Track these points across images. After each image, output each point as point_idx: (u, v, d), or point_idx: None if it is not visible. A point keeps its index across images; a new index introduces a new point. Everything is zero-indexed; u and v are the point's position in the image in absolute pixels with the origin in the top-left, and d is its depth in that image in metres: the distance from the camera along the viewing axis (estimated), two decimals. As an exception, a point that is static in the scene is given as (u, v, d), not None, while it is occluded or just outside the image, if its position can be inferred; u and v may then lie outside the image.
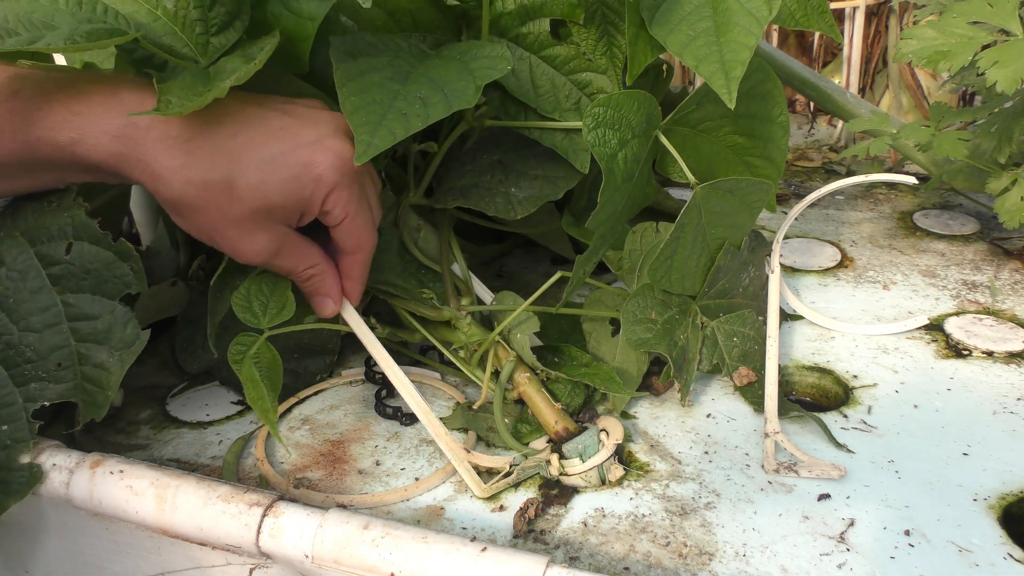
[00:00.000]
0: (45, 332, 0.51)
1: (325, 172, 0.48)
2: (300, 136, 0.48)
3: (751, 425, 0.56)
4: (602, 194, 0.50)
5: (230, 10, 0.51)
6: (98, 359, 0.52)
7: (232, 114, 0.47)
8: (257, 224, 0.48)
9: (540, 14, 0.57)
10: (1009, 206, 0.71)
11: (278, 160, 0.47)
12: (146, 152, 0.46)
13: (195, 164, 0.46)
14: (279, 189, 0.47)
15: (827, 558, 0.44)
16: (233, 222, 0.47)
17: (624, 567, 0.44)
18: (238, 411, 0.61)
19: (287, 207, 0.48)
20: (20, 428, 0.49)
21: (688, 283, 0.58)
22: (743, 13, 0.52)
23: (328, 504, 0.50)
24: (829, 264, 0.79)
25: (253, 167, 0.46)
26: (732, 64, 0.50)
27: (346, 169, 0.48)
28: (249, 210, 0.47)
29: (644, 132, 0.53)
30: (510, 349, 0.56)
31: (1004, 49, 0.64)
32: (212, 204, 0.47)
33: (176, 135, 0.46)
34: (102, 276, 0.52)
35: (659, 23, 0.53)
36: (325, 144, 0.48)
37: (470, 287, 0.61)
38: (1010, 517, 0.47)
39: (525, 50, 0.58)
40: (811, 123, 1.29)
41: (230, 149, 0.46)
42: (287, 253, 0.50)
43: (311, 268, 0.52)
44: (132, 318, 0.52)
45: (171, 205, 0.48)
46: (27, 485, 0.49)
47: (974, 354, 0.63)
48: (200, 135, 0.46)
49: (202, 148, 0.46)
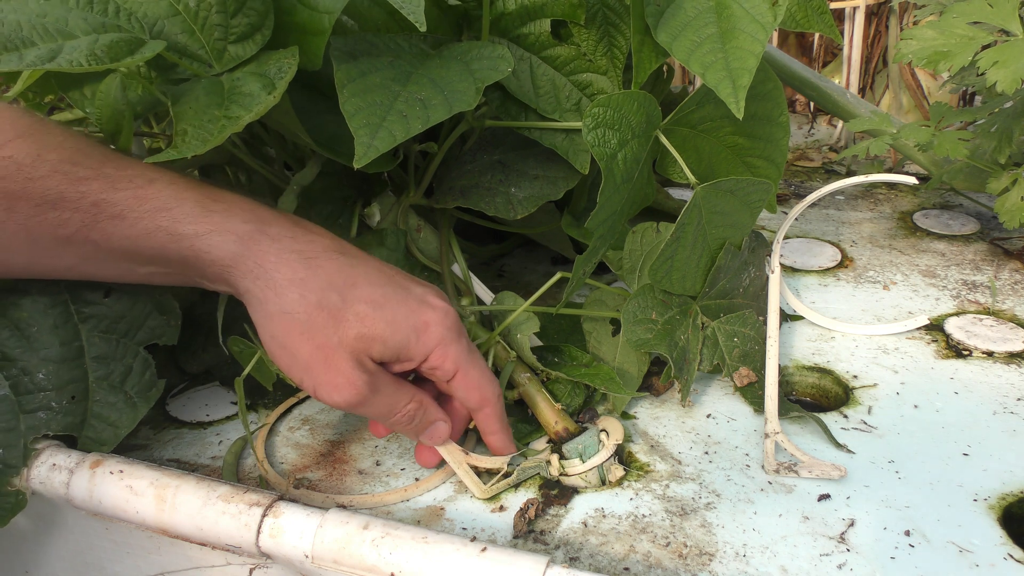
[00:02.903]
0: (63, 365, 0.51)
1: (432, 323, 0.47)
2: (410, 288, 0.49)
3: (751, 425, 0.56)
4: (601, 194, 0.50)
5: (252, 22, 0.50)
6: (111, 399, 0.52)
7: (349, 251, 0.48)
8: (355, 357, 0.46)
9: (541, 15, 0.57)
10: (1009, 206, 0.71)
11: (390, 299, 0.47)
12: (267, 259, 0.46)
13: (314, 280, 0.46)
14: (386, 327, 0.46)
15: (827, 558, 0.44)
16: (333, 351, 0.45)
17: (624, 567, 0.44)
18: (238, 411, 0.61)
19: (389, 345, 0.46)
20: (15, 454, 0.49)
21: (689, 283, 0.58)
22: (748, 19, 0.52)
23: (328, 504, 0.50)
24: (829, 264, 0.79)
25: (365, 299, 0.46)
26: (739, 72, 0.50)
27: (451, 325, 0.48)
28: (352, 339, 0.45)
29: (644, 132, 0.53)
30: (510, 349, 0.56)
31: (1004, 49, 0.64)
32: (318, 326, 0.45)
33: (298, 251, 0.46)
34: (135, 324, 0.53)
35: (663, 29, 0.53)
36: (430, 301, 0.48)
37: (470, 287, 0.61)
38: (1010, 517, 0.47)
39: (526, 51, 0.58)
40: (811, 123, 1.29)
41: (347, 276, 0.47)
42: (385, 392, 0.48)
43: (409, 405, 0.49)
44: (152, 365, 0.53)
45: (276, 319, 0.46)
46: (10, 512, 0.48)
47: (974, 354, 0.63)
48: (323, 256, 0.47)
49: (324, 268, 0.46)
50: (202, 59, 0.50)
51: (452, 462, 0.51)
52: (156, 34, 0.49)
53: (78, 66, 0.43)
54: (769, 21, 0.51)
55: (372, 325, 0.46)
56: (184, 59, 0.50)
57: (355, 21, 0.56)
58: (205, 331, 0.66)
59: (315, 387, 0.46)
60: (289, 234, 0.47)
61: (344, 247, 0.49)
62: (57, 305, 0.52)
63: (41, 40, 0.43)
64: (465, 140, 0.65)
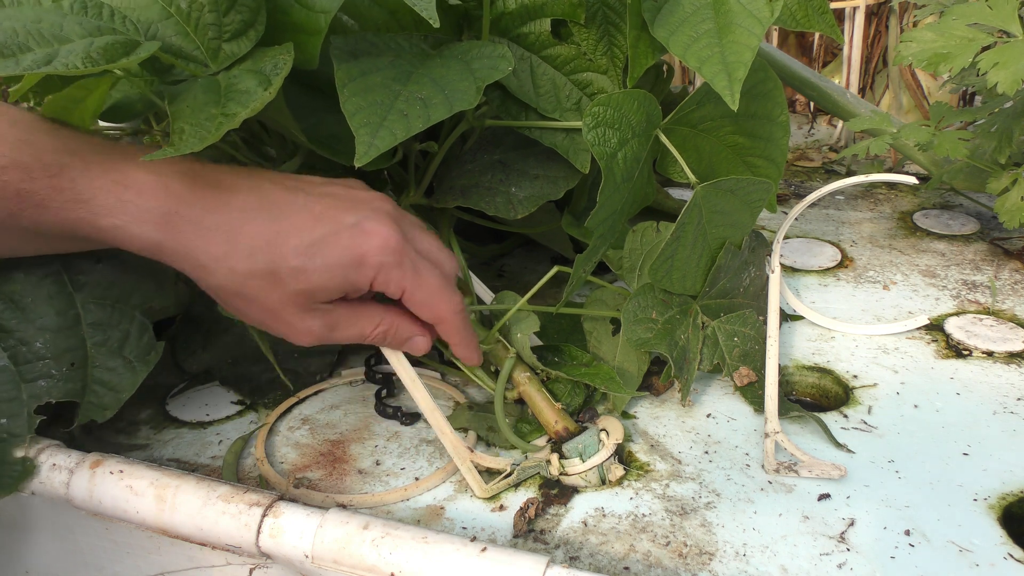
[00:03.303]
0: (60, 333, 0.51)
1: (368, 255, 0.47)
2: (340, 220, 0.47)
3: (751, 425, 0.56)
4: (601, 193, 0.50)
5: (245, 18, 0.50)
6: (111, 364, 0.53)
7: (271, 200, 0.47)
8: (302, 307, 0.47)
9: (541, 14, 0.57)
10: (1009, 206, 0.71)
11: (319, 245, 0.46)
12: (187, 242, 0.46)
13: (236, 253, 0.46)
14: (322, 274, 0.46)
15: (827, 558, 0.44)
16: (279, 308, 0.47)
17: (624, 567, 0.44)
18: (238, 411, 0.61)
19: (330, 289, 0.47)
20: (19, 423, 0.50)
21: (689, 283, 0.58)
22: (745, 14, 0.52)
23: (328, 504, 0.50)
24: (829, 264, 0.79)
25: (294, 254, 0.46)
26: (735, 65, 0.50)
27: (390, 250, 0.47)
28: (292, 294, 0.46)
29: (644, 132, 0.53)
30: (510, 348, 0.56)
31: (1004, 50, 0.64)
32: (257, 292, 0.46)
33: (216, 225, 0.46)
34: (129, 289, 0.53)
35: (660, 24, 0.53)
36: (365, 227, 0.47)
37: (470, 287, 0.61)
38: (1010, 517, 0.47)
39: (526, 50, 0.58)
40: (811, 123, 1.29)
41: (270, 237, 0.46)
42: (344, 325, 0.49)
43: (377, 328, 0.50)
44: (149, 328, 0.53)
45: (215, 293, 0.48)
46: (19, 479, 0.49)
47: (974, 354, 0.63)
48: (240, 224, 0.46)
49: (242, 236, 0.46)
50: (198, 59, 0.50)
51: (456, 459, 0.51)
52: (151, 37, 0.49)
53: (74, 68, 0.43)
54: (766, 16, 0.51)
55: (307, 278, 0.46)
56: (180, 60, 0.50)
57: (355, 21, 0.56)
58: (204, 330, 0.66)
59: (276, 332, 0.49)
60: (206, 207, 0.46)
61: (264, 195, 0.47)
62: (50, 275, 0.52)
63: (37, 45, 0.44)
64: (465, 139, 0.65)
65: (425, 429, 0.58)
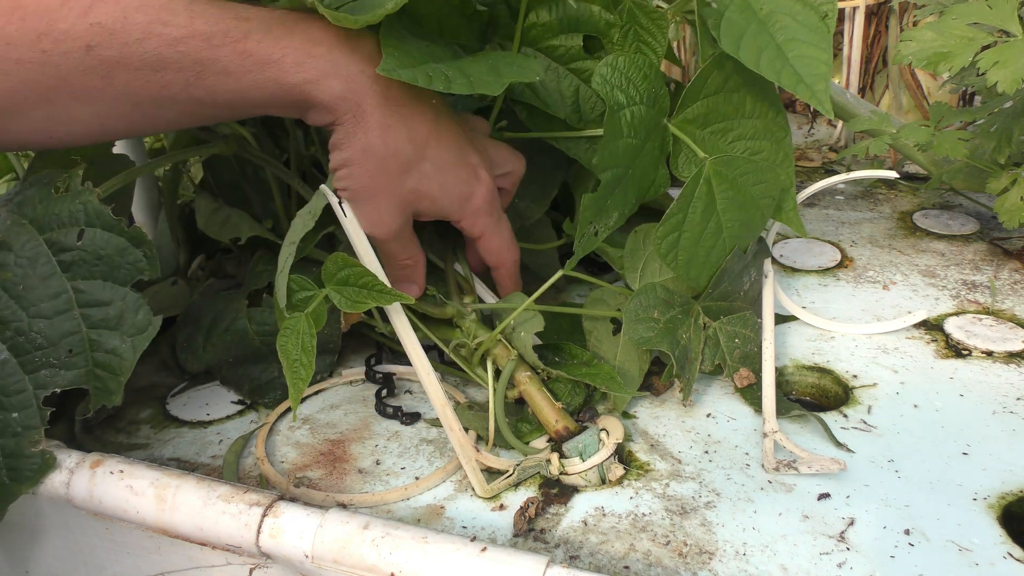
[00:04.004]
0: (56, 319, 0.51)
1: (476, 195, 0.54)
2: (469, 155, 0.53)
3: (751, 425, 0.56)
4: (606, 128, 0.52)
5: None
6: (110, 345, 0.52)
7: (435, 106, 0.52)
8: (403, 202, 0.52)
9: (576, 29, 0.58)
10: (1009, 206, 0.71)
11: (451, 165, 0.52)
12: (366, 101, 0.48)
13: (399, 129, 0.49)
14: (440, 188, 0.52)
15: (827, 557, 0.44)
16: (389, 192, 0.51)
17: (624, 566, 0.44)
18: (238, 411, 0.61)
19: (435, 205, 0.53)
20: (31, 415, 0.49)
21: (694, 271, 0.57)
22: (804, 30, 0.55)
23: (328, 503, 0.50)
24: (829, 264, 0.79)
25: (433, 158, 0.51)
26: (814, 78, 0.54)
27: (490, 199, 0.55)
28: (409, 190, 0.51)
29: (651, 104, 0.55)
30: (511, 348, 0.56)
31: (1004, 50, 0.64)
32: (387, 169, 0.50)
33: (395, 98, 0.49)
34: (115, 262, 0.52)
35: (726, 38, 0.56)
36: (480, 173, 0.54)
37: (472, 286, 0.61)
38: (1010, 516, 0.47)
39: (554, 61, 0.59)
40: (811, 123, 1.29)
41: (427, 132, 0.51)
42: (404, 240, 0.54)
43: (410, 258, 0.55)
44: (144, 304, 0.52)
45: (357, 148, 0.49)
46: (40, 472, 0.49)
47: (974, 354, 0.63)
48: (412, 106, 0.50)
49: (410, 119, 0.50)
50: None
51: (462, 457, 0.51)
52: None
53: None
54: (824, 30, 0.55)
55: (429, 185, 0.52)
56: None
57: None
58: (204, 330, 0.66)
59: (357, 208, 0.52)
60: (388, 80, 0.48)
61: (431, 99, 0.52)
62: (39, 258, 0.51)
63: None
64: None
65: (425, 429, 0.58)
